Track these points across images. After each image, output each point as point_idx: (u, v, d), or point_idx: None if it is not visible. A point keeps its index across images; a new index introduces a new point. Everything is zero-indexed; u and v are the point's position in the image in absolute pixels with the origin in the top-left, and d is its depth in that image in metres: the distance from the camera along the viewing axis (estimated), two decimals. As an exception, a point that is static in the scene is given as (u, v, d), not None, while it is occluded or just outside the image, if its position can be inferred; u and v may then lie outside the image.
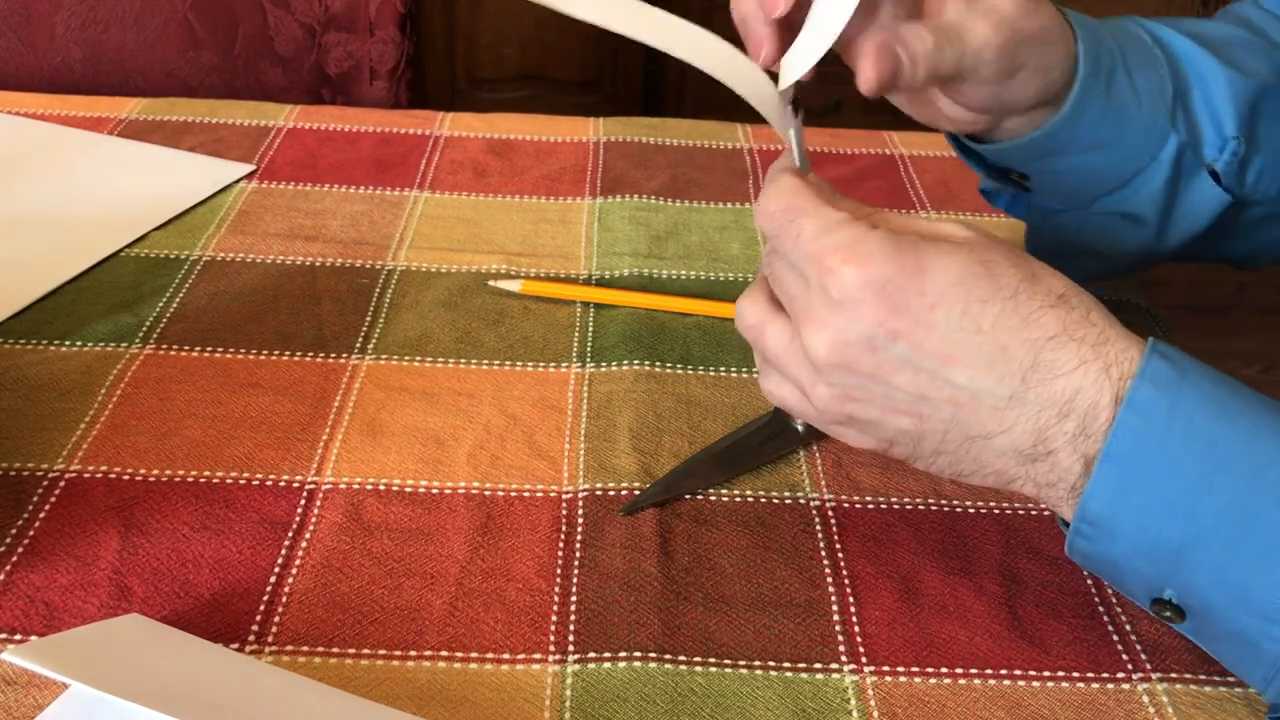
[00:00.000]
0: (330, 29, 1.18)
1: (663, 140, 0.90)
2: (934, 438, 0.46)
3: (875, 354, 0.44)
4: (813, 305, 0.45)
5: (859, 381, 0.45)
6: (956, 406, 0.45)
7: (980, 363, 0.44)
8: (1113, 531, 0.44)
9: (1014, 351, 0.43)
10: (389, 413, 0.62)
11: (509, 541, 0.54)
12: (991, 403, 0.44)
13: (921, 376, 0.44)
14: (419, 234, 0.77)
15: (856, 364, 0.45)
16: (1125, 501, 0.43)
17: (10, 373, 0.63)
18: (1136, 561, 0.44)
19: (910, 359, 0.44)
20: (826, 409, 0.47)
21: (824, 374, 0.46)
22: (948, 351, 0.44)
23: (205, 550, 0.53)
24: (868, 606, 0.52)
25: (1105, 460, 0.43)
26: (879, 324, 0.44)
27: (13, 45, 1.11)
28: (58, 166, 0.82)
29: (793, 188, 0.48)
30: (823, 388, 0.47)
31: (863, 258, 0.44)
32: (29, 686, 0.46)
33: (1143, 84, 0.59)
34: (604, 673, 0.48)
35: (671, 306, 0.71)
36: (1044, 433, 0.44)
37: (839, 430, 0.49)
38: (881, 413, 0.46)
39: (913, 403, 0.45)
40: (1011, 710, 0.48)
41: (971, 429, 0.45)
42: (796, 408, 0.49)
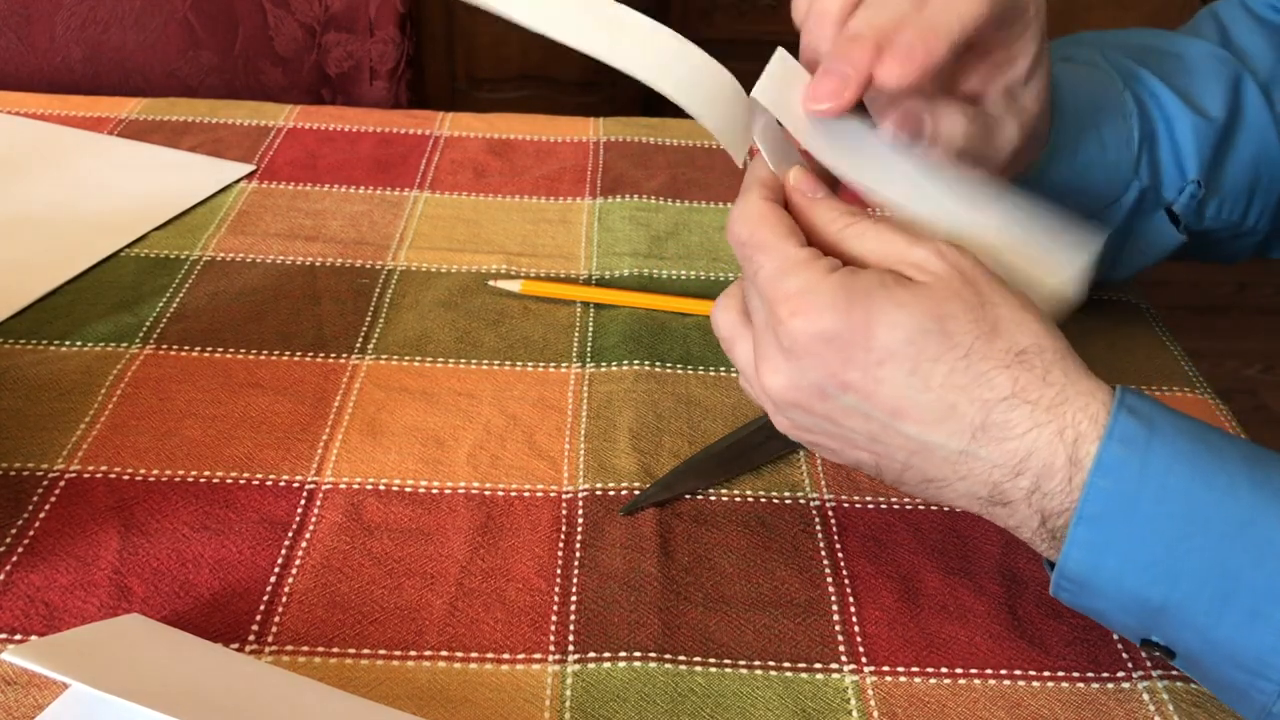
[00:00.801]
0: (330, 29, 1.18)
1: (663, 140, 0.90)
2: (893, 471, 0.46)
3: (826, 401, 0.45)
4: (768, 346, 0.46)
5: (815, 421, 0.46)
6: (909, 453, 0.45)
7: (929, 419, 0.43)
8: (1092, 590, 0.43)
9: (963, 409, 0.43)
10: (389, 413, 0.62)
11: (509, 541, 0.54)
12: (943, 455, 0.44)
13: (873, 424, 0.45)
14: (419, 234, 0.77)
15: (810, 407, 0.46)
16: (1102, 563, 0.42)
17: (10, 373, 0.63)
18: (1118, 615, 0.44)
19: (860, 409, 0.44)
20: (789, 432, 0.48)
21: (781, 409, 0.47)
22: (896, 406, 0.44)
23: (205, 550, 0.53)
24: (868, 606, 0.52)
25: (1079, 522, 0.42)
26: (830, 375, 0.44)
27: (13, 45, 1.11)
28: (58, 166, 0.82)
29: (759, 214, 0.47)
30: (781, 419, 0.48)
31: (811, 310, 0.44)
32: (29, 686, 0.46)
33: (1110, 137, 0.60)
34: (604, 673, 0.48)
35: (671, 306, 0.71)
36: (999, 486, 0.44)
37: (809, 445, 0.49)
38: (840, 446, 0.47)
39: (868, 444, 0.46)
40: (1011, 710, 0.48)
41: (929, 473, 0.45)
42: (771, 416, 0.49)
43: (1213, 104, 0.62)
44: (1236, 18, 0.67)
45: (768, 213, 0.47)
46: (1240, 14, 0.68)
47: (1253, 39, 0.66)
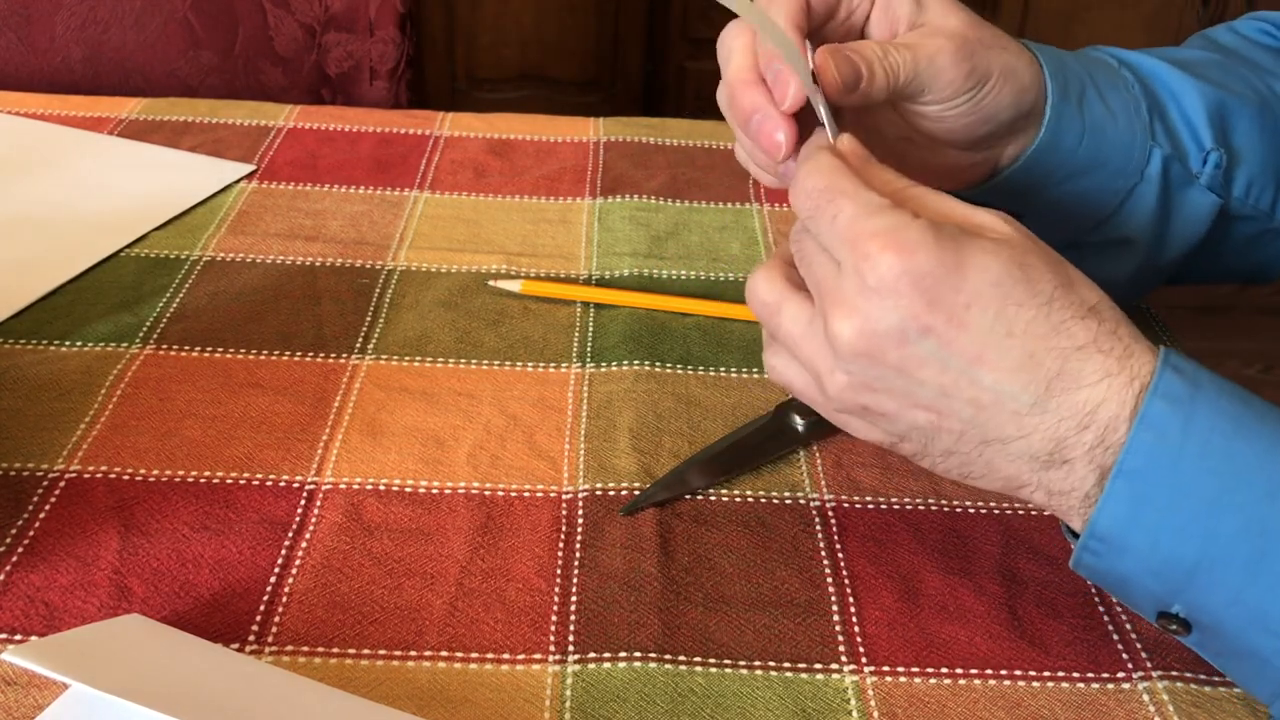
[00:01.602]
0: (330, 29, 1.18)
1: (663, 140, 0.90)
2: (948, 437, 0.45)
3: (903, 347, 0.43)
4: (844, 290, 0.44)
5: (881, 373, 0.44)
6: (978, 408, 0.44)
7: (1007, 366, 0.43)
8: (1123, 548, 0.43)
9: (1041, 358, 0.43)
10: (389, 413, 0.62)
11: (509, 541, 0.54)
12: (1014, 407, 0.43)
13: (947, 375, 0.43)
14: (419, 234, 0.77)
15: (882, 355, 0.44)
16: (1138, 519, 0.42)
17: (10, 373, 0.63)
18: (1145, 579, 0.43)
19: (938, 356, 0.43)
20: (840, 397, 0.46)
21: (845, 361, 0.45)
22: (978, 353, 0.43)
23: (205, 550, 0.53)
24: (868, 606, 0.52)
25: (1118, 476, 0.42)
26: (913, 317, 0.43)
27: (13, 45, 1.11)
28: (58, 166, 0.82)
29: (833, 167, 0.46)
30: (841, 375, 0.45)
31: (903, 247, 0.43)
32: (29, 686, 0.46)
33: (1116, 103, 0.59)
34: (604, 673, 0.48)
35: (671, 306, 0.71)
36: (1062, 442, 0.43)
37: (846, 420, 0.48)
38: (899, 407, 0.45)
39: (933, 399, 0.44)
40: (1011, 710, 0.48)
41: (989, 432, 0.44)
42: (804, 392, 0.48)
43: (1216, 79, 0.62)
44: (1229, 38, 0.68)
45: (841, 165, 0.47)
46: (1232, 36, 0.68)
47: (1253, 51, 0.66)
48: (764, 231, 0.80)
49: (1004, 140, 0.58)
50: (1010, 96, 0.55)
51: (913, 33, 0.53)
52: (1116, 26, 2.09)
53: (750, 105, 0.50)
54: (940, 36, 0.52)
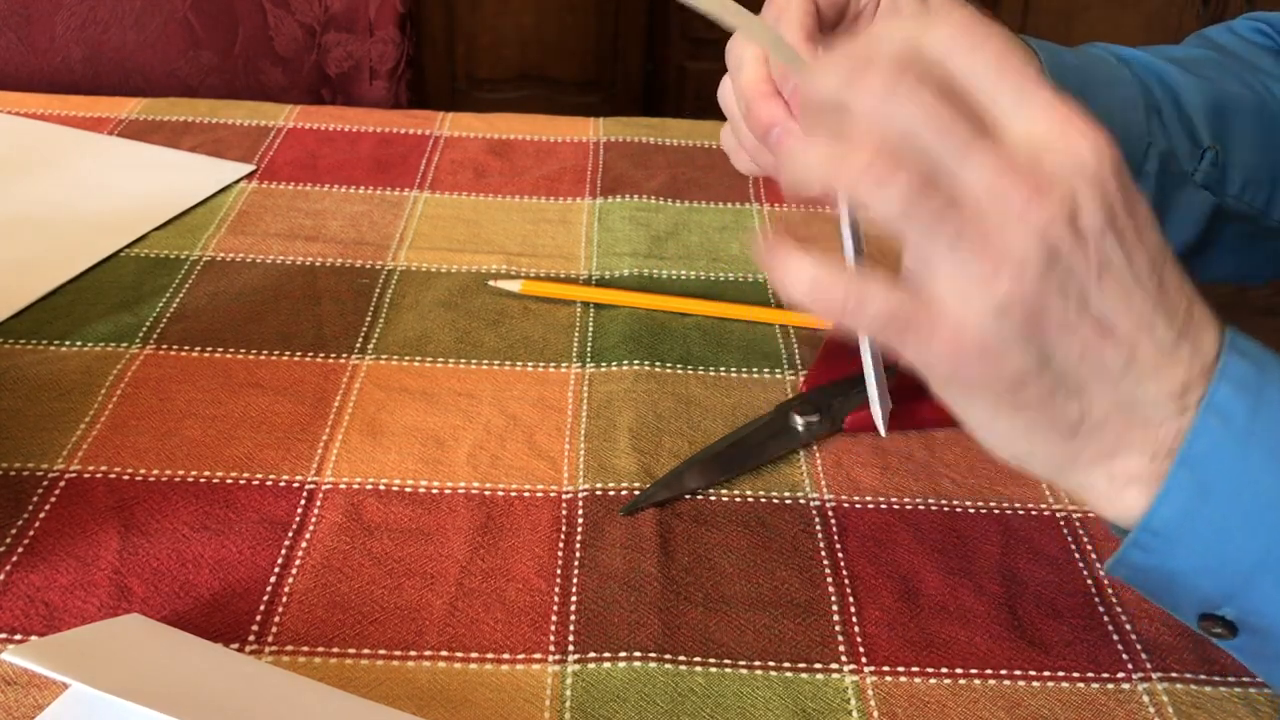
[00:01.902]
0: (330, 29, 1.18)
1: (663, 140, 0.90)
2: (1092, 368, 0.38)
3: (1101, 244, 0.37)
4: (1052, 168, 0.37)
5: (1070, 274, 0.37)
6: (1138, 332, 0.38)
7: (1164, 296, 0.39)
8: (1178, 543, 0.39)
9: (1182, 293, 0.39)
10: (389, 413, 0.62)
11: (509, 541, 0.54)
12: (1161, 336, 0.38)
13: (1122, 287, 0.38)
14: (419, 234, 0.77)
15: (1081, 251, 0.37)
16: (1200, 511, 0.39)
17: (10, 373, 0.63)
18: (1198, 577, 0.40)
19: (1122, 265, 0.38)
20: (1009, 305, 0.37)
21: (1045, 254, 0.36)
22: (1149, 270, 0.38)
23: (205, 550, 0.53)
24: (868, 606, 0.52)
25: (1182, 464, 0.38)
26: (1115, 214, 0.37)
27: (13, 45, 1.11)
28: (58, 166, 0.82)
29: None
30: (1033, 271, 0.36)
31: (1106, 135, 0.37)
32: (29, 686, 0.46)
33: (1114, 100, 0.59)
34: (604, 673, 0.48)
35: (671, 306, 0.71)
36: (1189, 384, 0.39)
37: (982, 351, 0.38)
38: (1067, 323, 0.37)
39: (1104, 317, 0.38)
40: (1011, 710, 0.48)
41: (1134, 365, 0.39)
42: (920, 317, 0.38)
43: (1213, 77, 0.62)
44: (1227, 38, 0.68)
45: None
46: (1229, 36, 0.68)
47: (1250, 51, 0.66)
48: (764, 231, 0.80)
49: None
50: None
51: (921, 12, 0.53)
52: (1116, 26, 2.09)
53: (769, 118, 0.50)
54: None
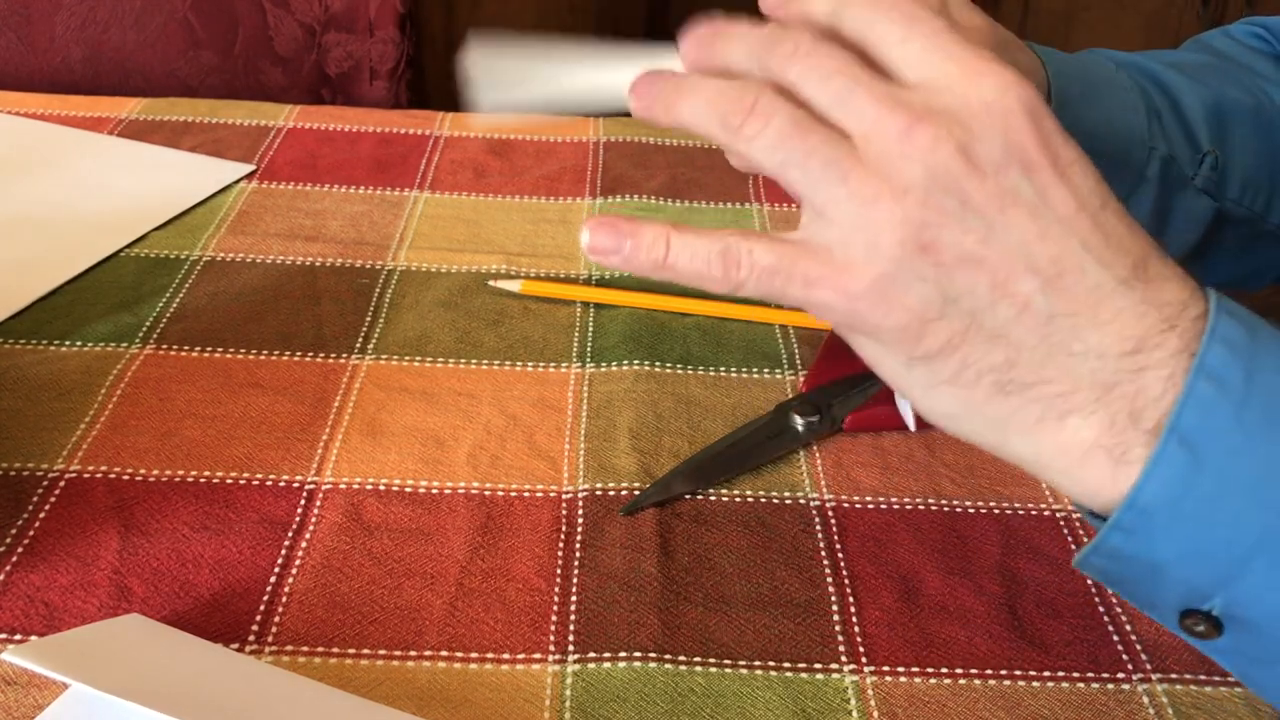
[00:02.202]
0: (330, 29, 1.18)
1: (663, 140, 0.90)
2: (1008, 310, 0.36)
3: (1002, 176, 0.36)
4: (943, 103, 0.36)
5: (964, 203, 0.36)
6: (1058, 273, 0.36)
7: (1098, 234, 0.36)
8: (1168, 525, 0.36)
9: (1129, 243, 0.37)
10: (389, 413, 0.62)
11: (509, 541, 0.54)
12: (1095, 280, 0.36)
13: (1036, 222, 0.36)
14: (419, 234, 0.77)
15: (977, 180, 0.36)
16: (1193, 487, 0.35)
17: (10, 373, 0.63)
18: (1186, 564, 0.37)
19: (1033, 199, 0.36)
20: (899, 231, 0.36)
21: (925, 184, 0.36)
22: (1075, 208, 0.36)
23: (205, 550, 0.53)
24: (868, 606, 0.52)
25: (1171, 435, 0.35)
26: (1022, 147, 0.36)
27: (13, 45, 1.11)
28: (58, 166, 0.82)
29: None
30: (916, 198, 0.36)
31: (1024, 80, 0.37)
32: (29, 686, 0.46)
33: (1114, 103, 0.59)
34: (604, 673, 0.48)
35: (671, 306, 0.71)
36: (1144, 340, 0.36)
37: (872, 292, 0.37)
38: (966, 256, 0.36)
39: (1011, 252, 0.36)
40: (1011, 710, 0.48)
41: (1059, 307, 0.36)
42: (804, 264, 0.38)
43: (1212, 82, 0.62)
44: (1224, 43, 0.68)
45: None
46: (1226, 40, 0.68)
47: (1247, 55, 0.66)
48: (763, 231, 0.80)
49: None
50: None
51: None
52: (1116, 26, 2.09)
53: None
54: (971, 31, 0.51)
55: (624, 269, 0.40)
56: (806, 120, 0.37)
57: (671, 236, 0.39)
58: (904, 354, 0.38)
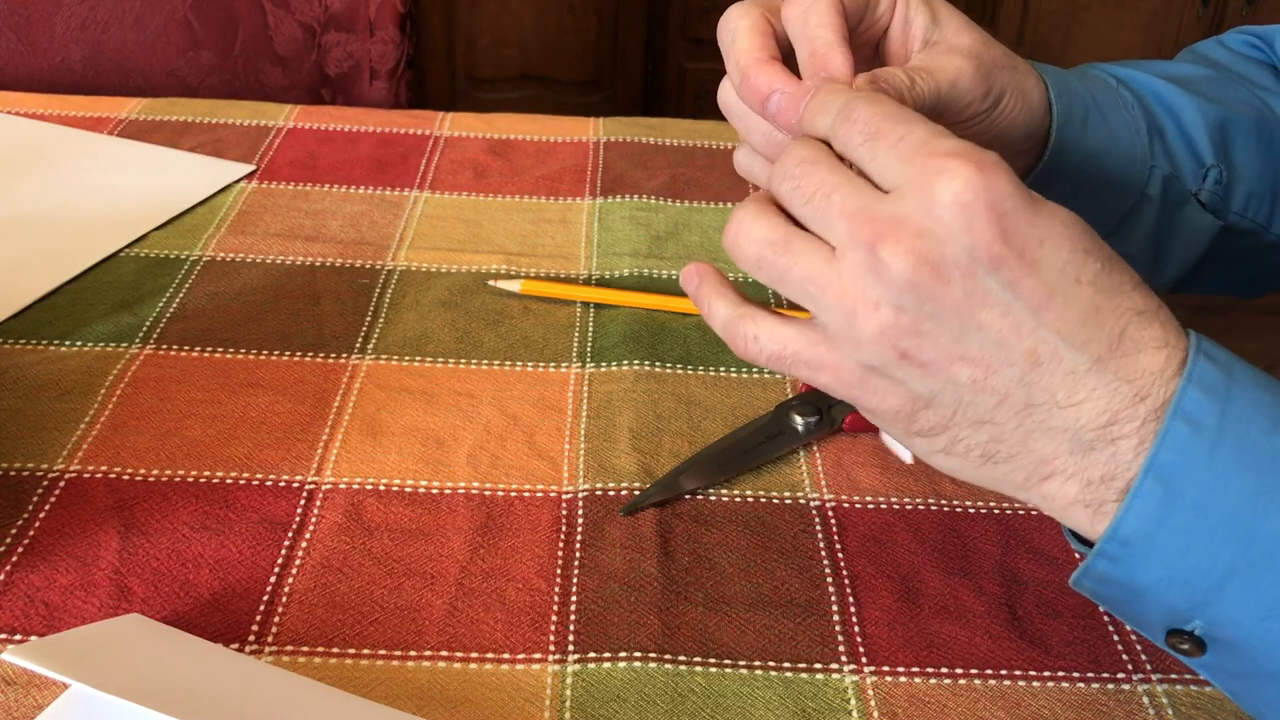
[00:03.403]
0: (330, 29, 1.18)
1: (663, 140, 0.90)
2: (988, 400, 0.39)
3: (970, 279, 0.38)
4: (903, 212, 0.38)
5: (936, 311, 0.38)
6: (1033, 364, 0.39)
7: (1072, 317, 0.38)
8: (1147, 554, 0.39)
9: (1105, 315, 0.39)
10: (389, 413, 0.62)
11: (509, 541, 0.54)
12: (1071, 366, 0.39)
13: (1008, 319, 0.38)
14: (419, 234, 0.77)
15: (944, 288, 0.38)
16: (1169, 520, 0.38)
17: (10, 373, 0.63)
18: (1167, 590, 0.39)
19: (1003, 296, 0.38)
20: (876, 342, 0.39)
21: (896, 294, 0.38)
22: (1045, 296, 0.38)
23: (205, 550, 0.53)
24: (868, 606, 0.52)
25: (1149, 472, 0.38)
26: (985, 245, 0.38)
27: (13, 45, 1.11)
28: (58, 166, 0.82)
29: (895, 101, 0.42)
30: (887, 312, 0.39)
31: (983, 165, 0.38)
32: (29, 686, 0.46)
33: (1117, 123, 0.59)
34: (604, 673, 0.48)
35: (671, 306, 0.71)
36: (1115, 416, 0.39)
37: (866, 379, 0.41)
38: (944, 357, 0.39)
39: (986, 349, 0.39)
40: (1011, 710, 0.48)
41: (1037, 394, 0.39)
42: (808, 354, 0.42)
43: (1212, 95, 0.62)
44: (1220, 53, 0.68)
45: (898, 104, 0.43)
46: (1221, 50, 0.68)
47: (1243, 65, 0.66)
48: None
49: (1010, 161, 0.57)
50: (1023, 116, 0.55)
51: (929, 51, 0.52)
52: (1116, 27, 2.09)
53: (767, 84, 0.47)
54: (957, 56, 0.51)
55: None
56: (783, 240, 0.41)
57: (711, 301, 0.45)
58: (901, 431, 0.42)
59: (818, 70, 0.47)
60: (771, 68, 0.48)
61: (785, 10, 0.49)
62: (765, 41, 0.48)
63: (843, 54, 0.46)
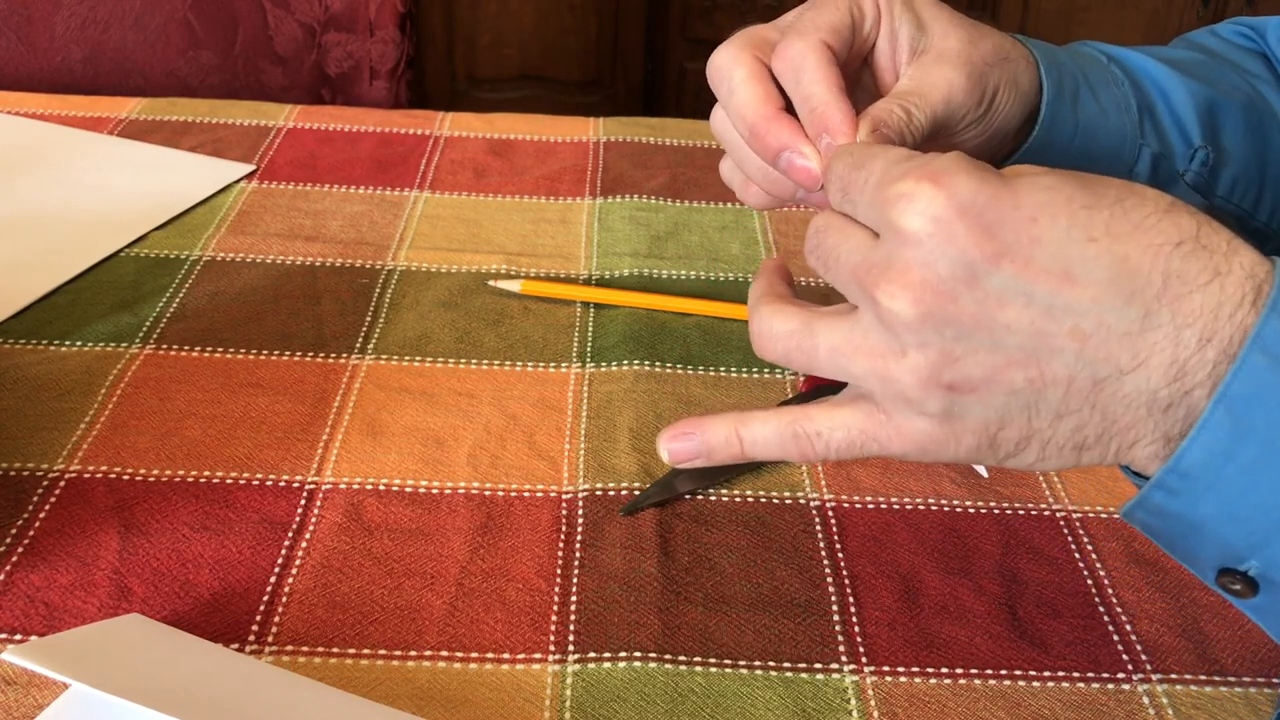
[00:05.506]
0: (330, 29, 1.18)
1: (663, 140, 0.90)
2: (1056, 392, 0.38)
3: (976, 286, 0.37)
4: (888, 256, 0.38)
5: (959, 331, 0.37)
6: (1082, 341, 0.37)
7: (1101, 278, 0.36)
8: (1209, 487, 0.37)
9: (1137, 261, 0.36)
10: (389, 413, 0.62)
11: (509, 541, 0.54)
12: (1123, 328, 0.36)
13: (1034, 309, 0.37)
14: (419, 234, 0.77)
15: (955, 307, 0.37)
16: (1236, 454, 0.36)
17: (10, 373, 0.63)
18: (1224, 526, 0.37)
19: (1017, 287, 0.37)
20: (923, 390, 0.38)
21: (914, 334, 0.38)
22: (1062, 270, 0.36)
23: (205, 550, 0.53)
24: (868, 606, 0.52)
25: (1220, 402, 0.36)
26: (974, 246, 0.36)
27: (13, 45, 1.11)
28: (58, 166, 0.82)
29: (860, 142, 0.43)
30: (915, 355, 0.38)
31: (938, 175, 0.37)
32: (29, 686, 0.46)
33: (1107, 101, 0.59)
34: (604, 673, 0.48)
35: (671, 306, 0.71)
36: (1184, 365, 0.36)
37: (935, 437, 0.40)
38: (992, 370, 0.38)
39: (1027, 346, 0.37)
40: (1011, 710, 0.48)
41: (1100, 368, 0.37)
42: (876, 432, 0.41)
43: (1203, 78, 0.62)
44: (1212, 42, 0.68)
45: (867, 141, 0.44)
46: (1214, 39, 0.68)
47: (1234, 53, 0.66)
48: (764, 231, 0.80)
49: (1005, 144, 0.58)
50: (1017, 105, 0.55)
51: (918, 65, 0.51)
52: (1116, 26, 2.09)
53: (777, 143, 0.47)
54: (947, 66, 0.50)
55: (709, 464, 0.45)
56: (803, 325, 0.41)
57: (740, 432, 0.43)
58: (992, 461, 0.41)
59: (819, 129, 0.47)
60: (780, 124, 0.48)
61: (775, 64, 0.49)
62: (768, 92, 0.49)
63: (840, 110, 0.47)
